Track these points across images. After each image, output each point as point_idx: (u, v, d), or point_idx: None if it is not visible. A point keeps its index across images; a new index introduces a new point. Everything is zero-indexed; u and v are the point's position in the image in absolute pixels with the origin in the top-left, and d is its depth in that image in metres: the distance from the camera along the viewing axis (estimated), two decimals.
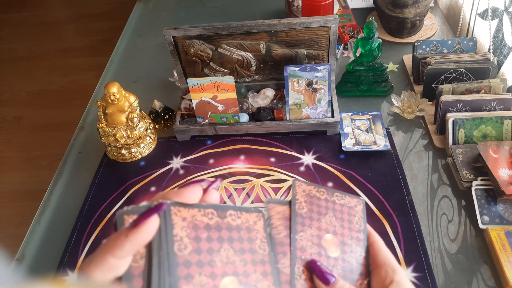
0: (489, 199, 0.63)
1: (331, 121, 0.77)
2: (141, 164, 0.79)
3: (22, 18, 2.88)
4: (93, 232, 0.69)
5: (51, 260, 0.66)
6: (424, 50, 0.85)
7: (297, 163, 0.75)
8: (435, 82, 0.79)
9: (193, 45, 0.78)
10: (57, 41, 2.62)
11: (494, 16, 0.84)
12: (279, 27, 0.75)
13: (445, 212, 0.66)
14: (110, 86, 0.73)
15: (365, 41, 0.80)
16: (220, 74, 0.83)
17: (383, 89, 0.85)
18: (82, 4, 2.92)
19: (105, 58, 1.07)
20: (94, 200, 0.74)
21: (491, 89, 0.74)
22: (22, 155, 1.93)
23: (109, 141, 0.77)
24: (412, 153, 0.75)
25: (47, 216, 0.73)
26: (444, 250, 0.61)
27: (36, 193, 1.71)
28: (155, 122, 0.84)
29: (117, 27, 1.28)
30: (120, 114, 0.75)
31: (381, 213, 0.66)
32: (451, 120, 0.70)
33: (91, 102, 0.96)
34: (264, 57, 0.80)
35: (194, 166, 0.77)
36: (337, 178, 0.72)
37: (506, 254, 0.57)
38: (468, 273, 0.58)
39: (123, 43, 1.13)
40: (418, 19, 0.94)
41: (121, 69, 1.04)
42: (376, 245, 0.37)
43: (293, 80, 0.74)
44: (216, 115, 0.79)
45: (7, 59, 2.53)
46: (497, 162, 0.64)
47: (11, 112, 2.17)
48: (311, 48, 0.79)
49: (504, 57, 0.81)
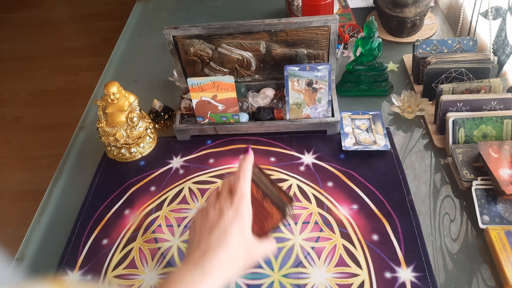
0: (489, 199, 0.63)
1: (331, 120, 0.77)
2: (141, 164, 0.79)
3: (22, 18, 2.88)
4: (93, 231, 0.69)
5: (51, 260, 0.66)
6: (424, 50, 0.85)
7: (297, 162, 0.74)
8: (435, 82, 0.79)
9: (193, 45, 0.78)
10: (57, 41, 2.62)
11: (497, 15, 0.84)
12: (279, 26, 0.75)
13: (447, 212, 0.66)
14: (110, 85, 0.73)
15: (365, 41, 0.79)
16: (220, 73, 0.83)
17: (383, 89, 0.84)
18: (82, 4, 2.92)
19: (105, 58, 1.07)
20: (94, 199, 0.73)
21: (491, 89, 0.74)
22: (22, 155, 1.93)
23: (109, 141, 0.77)
24: (412, 153, 0.75)
25: (47, 215, 0.73)
26: (446, 249, 0.61)
27: (36, 193, 1.71)
28: (155, 121, 0.84)
29: (117, 27, 1.28)
30: (120, 113, 0.75)
31: (381, 213, 0.66)
32: (451, 119, 0.70)
33: (91, 102, 0.96)
34: (264, 57, 0.80)
35: (194, 165, 0.77)
36: (337, 178, 0.71)
37: (506, 254, 0.57)
38: (468, 273, 0.58)
39: (123, 43, 1.13)
40: (418, 18, 0.94)
41: (121, 69, 1.04)
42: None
43: (293, 79, 0.74)
44: (216, 115, 0.79)
45: (7, 59, 2.54)
46: (497, 162, 0.64)
47: (11, 112, 2.17)
48: (311, 48, 0.79)
49: (507, 57, 0.81)
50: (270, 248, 0.50)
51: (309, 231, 0.64)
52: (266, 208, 0.50)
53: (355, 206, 0.67)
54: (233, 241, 0.45)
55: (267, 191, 0.51)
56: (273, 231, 0.51)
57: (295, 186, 0.71)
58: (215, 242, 0.45)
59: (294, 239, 0.64)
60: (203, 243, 0.46)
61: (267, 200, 0.51)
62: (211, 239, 0.45)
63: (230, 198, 0.48)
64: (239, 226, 0.46)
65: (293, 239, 0.64)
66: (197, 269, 0.43)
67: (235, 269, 0.45)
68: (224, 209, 0.47)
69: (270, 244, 0.50)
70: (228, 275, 0.44)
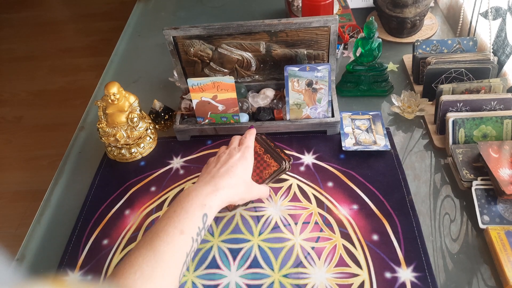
0: (489, 199, 0.63)
1: (331, 121, 0.77)
2: (141, 164, 0.79)
3: (22, 18, 2.88)
4: (93, 232, 0.69)
5: (51, 260, 0.66)
6: (424, 50, 0.85)
7: (297, 162, 0.75)
8: (435, 82, 0.79)
9: (193, 45, 0.78)
10: (57, 41, 2.62)
11: (497, 15, 0.84)
12: (279, 27, 0.75)
13: (447, 212, 0.66)
14: (110, 86, 0.73)
15: (365, 41, 0.80)
16: (220, 74, 0.83)
17: (383, 89, 0.85)
18: (82, 4, 2.92)
19: (105, 58, 1.08)
20: (94, 200, 0.74)
21: (491, 89, 0.74)
22: (22, 155, 1.93)
23: (109, 141, 0.77)
24: (412, 153, 0.75)
25: (47, 216, 0.73)
26: (446, 249, 0.61)
27: (36, 193, 1.71)
28: (155, 122, 0.84)
29: (117, 27, 1.28)
30: (120, 114, 0.75)
31: (381, 213, 0.66)
32: (451, 120, 0.70)
33: (91, 102, 0.96)
34: (264, 57, 0.80)
35: (194, 166, 0.77)
36: (337, 178, 0.72)
37: (506, 254, 0.57)
38: (468, 273, 0.58)
39: (123, 43, 1.13)
40: (418, 19, 0.94)
41: (121, 69, 1.04)
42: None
43: (293, 80, 0.74)
44: (216, 115, 0.79)
45: (7, 59, 2.54)
46: (498, 162, 0.64)
47: (11, 112, 2.17)
48: (311, 48, 0.79)
49: (507, 57, 0.81)
50: (265, 191, 0.66)
51: (309, 231, 0.64)
52: (266, 160, 0.67)
53: (355, 206, 0.67)
54: (237, 173, 0.60)
55: (268, 149, 0.68)
56: (269, 178, 0.66)
57: (295, 186, 0.71)
58: (223, 171, 0.60)
59: (294, 239, 0.64)
60: (214, 171, 0.60)
61: (267, 155, 0.68)
62: (221, 170, 0.60)
63: (238, 147, 0.65)
64: (242, 164, 0.62)
65: (293, 239, 0.64)
66: (210, 185, 0.58)
67: (237, 193, 0.60)
68: (233, 152, 0.63)
69: (265, 188, 0.66)
70: (231, 195, 0.59)
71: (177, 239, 0.51)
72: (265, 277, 0.60)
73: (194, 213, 0.53)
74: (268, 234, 0.64)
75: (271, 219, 0.66)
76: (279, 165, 0.66)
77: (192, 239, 0.52)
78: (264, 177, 0.67)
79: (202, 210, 0.54)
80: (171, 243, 0.50)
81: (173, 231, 0.51)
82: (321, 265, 0.60)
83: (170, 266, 0.49)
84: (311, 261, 0.61)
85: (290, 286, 0.59)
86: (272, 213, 0.67)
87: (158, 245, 0.49)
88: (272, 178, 0.67)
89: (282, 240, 0.64)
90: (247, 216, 0.67)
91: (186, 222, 0.52)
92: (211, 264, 0.62)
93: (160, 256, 0.49)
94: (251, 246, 0.63)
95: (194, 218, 0.53)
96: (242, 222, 0.66)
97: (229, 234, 0.65)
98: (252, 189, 0.63)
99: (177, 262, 0.50)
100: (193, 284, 0.60)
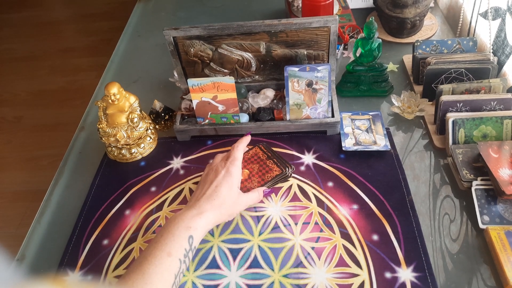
0: (489, 199, 0.63)
1: (331, 121, 0.77)
2: (142, 164, 0.79)
3: (22, 18, 2.88)
4: (93, 232, 0.69)
5: (51, 260, 0.66)
6: (424, 50, 0.85)
7: (298, 162, 0.75)
8: (435, 82, 0.79)
9: (193, 46, 0.78)
10: (57, 41, 2.62)
11: (496, 15, 0.84)
12: (279, 27, 0.75)
13: (447, 212, 0.66)
14: (110, 86, 0.73)
15: (365, 41, 0.80)
16: (220, 74, 0.83)
17: (383, 89, 0.85)
18: (82, 4, 2.92)
19: (105, 58, 1.08)
20: (94, 200, 0.74)
21: (491, 89, 0.74)
22: (22, 155, 1.93)
23: (110, 142, 0.77)
24: (412, 153, 0.75)
25: (48, 216, 0.73)
26: (446, 250, 0.61)
27: (37, 193, 1.71)
28: (156, 122, 0.84)
29: (117, 27, 1.28)
30: (121, 114, 0.75)
31: (381, 213, 0.66)
32: (451, 120, 0.70)
33: (91, 102, 0.96)
34: (264, 57, 0.81)
35: (194, 166, 0.77)
36: (337, 178, 0.72)
37: (506, 254, 0.57)
38: (468, 273, 0.58)
39: (123, 43, 1.13)
40: (418, 19, 0.94)
41: (121, 69, 1.04)
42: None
43: (293, 80, 0.74)
44: (216, 115, 0.79)
45: (7, 59, 2.54)
46: (497, 162, 0.64)
47: (11, 112, 2.17)
48: (311, 48, 0.79)
49: (506, 57, 0.81)
50: (255, 198, 0.66)
51: (309, 232, 0.64)
52: (268, 165, 0.70)
53: (355, 206, 0.67)
54: (221, 192, 0.61)
55: (271, 156, 0.72)
56: (271, 181, 0.69)
57: (295, 186, 0.71)
58: (208, 193, 0.61)
59: (294, 239, 0.64)
60: (200, 195, 0.62)
61: (270, 161, 0.71)
62: (207, 192, 0.62)
63: (224, 162, 0.65)
64: (227, 182, 0.62)
65: (293, 239, 0.64)
66: (194, 209, 0.59)
67: (223, 213, 0.61)
68: (219, 169, 0.64)
69: (255, 195, 0.66)
70: (217, 215, 0.60)
71: (164, 261, 0.52)
72: (265, 277, 0.60)
73: (180, 235, 0.55)
74: (268, 234, 0.65)
75: (271, 219, 0.66)
76: (282, 170, 0.69)
77: (180, 261, 0.54)
78: (266, 180, 0.69)
79: (187, 232, 0.56)
80: (159, 266, 0.52)
81: (161, 254, 0.53)
82: (321, 265, 0.60)
83: (159, 287, 0.50)
84: (311, 261, 0.61)
85: (290, 286, 0.59)
86: (272, 213, 0.67)
87: (146, 268, 0.51)
88: (274, 182, 0.69)
89: (282, 240, 0.64)
90: (247, 216, 0.67)
91: (172, 244, 0.54)
92: (211, 264, 0.62)
93: (149, 278, 0.50)
94: (251, 246, 0.63)
95: (180, 239, 0.55)
96: (242, 222, 0.66)
97: (229, 234, 0.65)
98: (239, 202, 0.63)
99: (165, 284, 0.51)
100: (193, 284, 0.60)
